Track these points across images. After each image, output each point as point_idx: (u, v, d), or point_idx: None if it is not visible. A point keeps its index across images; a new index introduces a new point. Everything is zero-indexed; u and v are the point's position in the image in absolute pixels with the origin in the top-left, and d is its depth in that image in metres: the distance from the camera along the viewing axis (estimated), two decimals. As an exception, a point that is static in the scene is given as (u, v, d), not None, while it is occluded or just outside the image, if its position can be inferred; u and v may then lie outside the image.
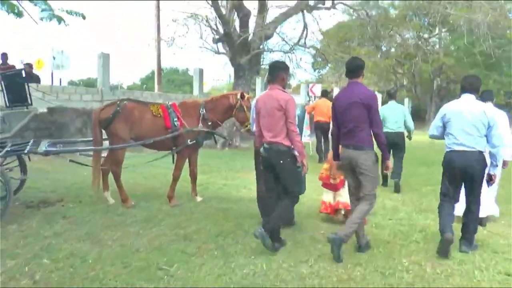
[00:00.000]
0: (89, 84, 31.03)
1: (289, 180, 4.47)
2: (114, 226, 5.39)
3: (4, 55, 12.31)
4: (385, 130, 6.78)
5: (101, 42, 73.07)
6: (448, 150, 4.76)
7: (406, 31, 33.53)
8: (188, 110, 6.38)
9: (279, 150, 4.37)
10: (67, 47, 45.30)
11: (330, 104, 6.88)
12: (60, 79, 16.87)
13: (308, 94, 23.10)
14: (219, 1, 13.84)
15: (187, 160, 6.70)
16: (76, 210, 6.05)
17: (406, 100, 36.53)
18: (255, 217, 5.76)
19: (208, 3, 13.61)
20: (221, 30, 13.89)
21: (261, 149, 4.52)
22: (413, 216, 6.43)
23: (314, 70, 49.33)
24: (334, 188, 5.80)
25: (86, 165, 6.35)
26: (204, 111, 6.29)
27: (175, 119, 6.16)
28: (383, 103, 10.95)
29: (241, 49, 14.03)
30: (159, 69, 20.42)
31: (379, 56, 34.95)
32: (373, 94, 4.45)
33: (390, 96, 8.64)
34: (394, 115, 8.21)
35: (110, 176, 6.41)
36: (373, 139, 4.44)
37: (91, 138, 6.53)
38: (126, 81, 57.61)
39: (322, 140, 11.64)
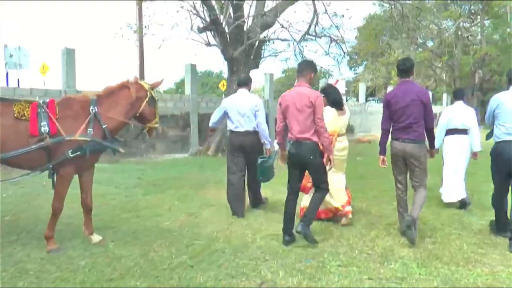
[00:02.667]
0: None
1: (319, 174, 4.55)
2: None
3: None
4: None
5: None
6: (497, 140, 4.77)
7: (444, 20, 31.23)
8: (70, 109, 4.41)
9: (309, 146, 4.41)
10: (26, 43, 41.36)
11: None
12: (18, 79, 14.63)
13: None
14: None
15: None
16: None
17: (445, 96, 33.98)
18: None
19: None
20: (208, 18, 12.10)
21: (289, 145, 4.52)
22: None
23: (350, 69, 47.66)
24: (306, 190, 5.28)
25: None
26: (96, 109, 4.38)
27: (42, 123, 4.15)
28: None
29: (235, 39, 12.42)
30: (142, 64, 18.37)
31: (412, 49, 32.73)
32: (427, 92, 4.97)
33: None
34: None
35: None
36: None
37: None
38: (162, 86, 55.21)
39: None
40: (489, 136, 5.11)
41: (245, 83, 6.03)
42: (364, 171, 9.04)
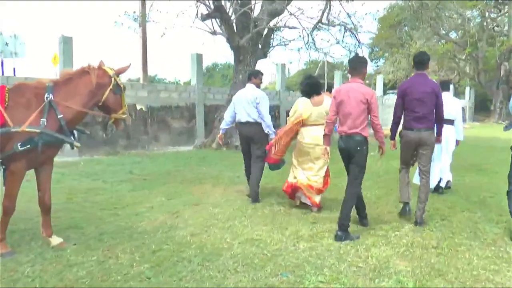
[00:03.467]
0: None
1: (360, 168, 4.58)
2: None
3: None
4: None
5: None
6: None
7: (469, 10, 29.87)
8: (22, 96, 3.85)
9: (358, 139, 4.49)
10: (23, 31, 39.73)
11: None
12: (14, 68, 14.27)
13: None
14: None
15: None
16: None
17: (467, 90, 32.65)
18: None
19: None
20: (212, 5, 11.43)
21: (339, 139, 4.61)
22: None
23: (371, 61, 46.52)
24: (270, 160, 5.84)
25: None
26: (51, 97, 3.83)
27: None
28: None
29: (242, 27, 11.75)
30: (145, 53, 17.51)
31: (434, 40, 31.51)
32: (439, 85, 5.21)
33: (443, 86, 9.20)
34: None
35: None
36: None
37: None
38: (182, 77, 53.51)
39: None
40: (506, 127, 5.19)
41: (250, 77, 6.37)
42: (376, 166, 8.33)
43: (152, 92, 12.18)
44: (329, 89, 15.28)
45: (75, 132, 4.20)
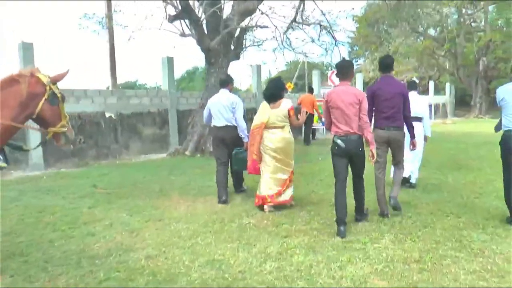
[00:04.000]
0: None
1: (362, 165, 4.87)
2: None
3: None
4: None
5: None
6: (505, 129, 4.83)
7: (446, 7, 29.85)
8: None
9: (356, 140, 4.69)
10: None
11: (313, 98, 13.94)
12: None
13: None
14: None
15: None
16: None
17: (447, 86, 32.64)
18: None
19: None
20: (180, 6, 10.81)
21: (338, 140, 4.70)
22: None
23: (352, 60, 46.32)
24: (257, 170, 5.81)
25: None
26: None
27: None
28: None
29: (212, 29, 11.23)
30: (113, 57, 16.84)
31: (413, 38, 31.49)
32: (406, 86, 5.83)
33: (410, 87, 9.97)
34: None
35: None
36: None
37: None
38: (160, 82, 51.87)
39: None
40: (497, 128, 5.25)
41: (224, 84, 6.57)
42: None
43: (122, 99, 11.59)
44: (310, 91, 15.53)
45: (5, 149, 3.66)
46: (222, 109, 6.24)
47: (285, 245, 4.20)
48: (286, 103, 5.61)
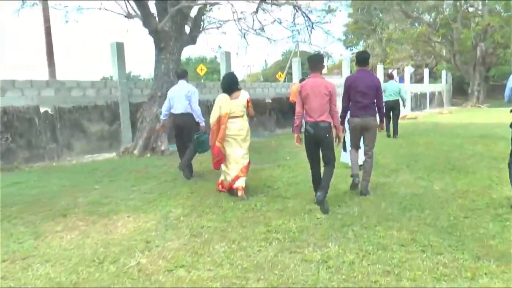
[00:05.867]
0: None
1: (330, 151, 5.18)
2: None
3: None
4: (386, 99, 10.94)
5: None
6: None
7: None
8: None
9: (325, 126, 5.05)
10: None
11: None
12: None
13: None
14: None
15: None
16: None
17: (444, 73, 31.01)
18: None
19: None
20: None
21: (308, 127, 5.12)
22: None
23: (346, 48, 44.67)
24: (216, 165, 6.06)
25: None
26: None
27: None
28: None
29: (162, 9, 9.63)
30: (49, 43, 14.71)
31: (408, 25, 29.78)
32: (379, 79, 6.09)
33: (389, 77, 13.03)
34: (392, 89, 12.25)
35: None
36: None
37: None
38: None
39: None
40: None
41: (182, 76, 7.30)
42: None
43: (61, 91, 9.96)
44: (302, 81, 14.24)
45: None
46: (180, 98, 6.99)
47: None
48: (244, 95, 5.92)
